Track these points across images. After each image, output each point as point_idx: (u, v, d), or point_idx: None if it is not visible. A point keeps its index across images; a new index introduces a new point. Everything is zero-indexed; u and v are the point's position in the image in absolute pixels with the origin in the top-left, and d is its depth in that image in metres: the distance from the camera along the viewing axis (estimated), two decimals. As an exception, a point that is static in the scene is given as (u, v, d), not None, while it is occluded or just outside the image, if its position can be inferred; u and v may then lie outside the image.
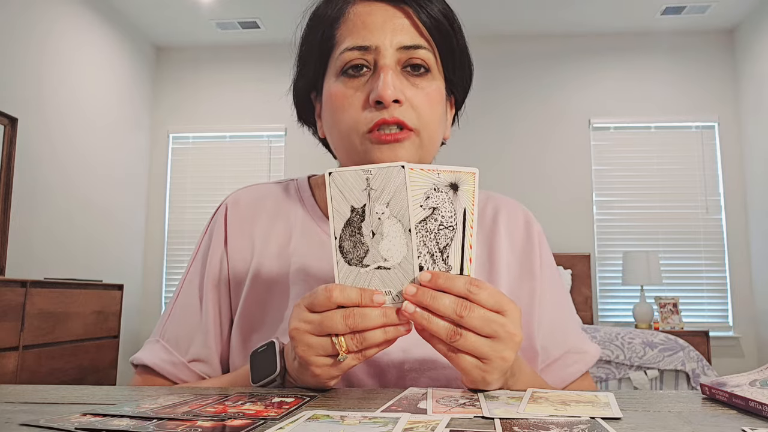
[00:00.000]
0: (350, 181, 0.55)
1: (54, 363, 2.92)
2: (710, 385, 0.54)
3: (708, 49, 4.66)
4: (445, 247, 0.56)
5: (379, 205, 0.55)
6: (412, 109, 0.70)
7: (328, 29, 0.73)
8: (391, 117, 0.68)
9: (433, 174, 0.56)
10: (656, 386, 2.91)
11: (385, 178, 0.55)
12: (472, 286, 0.54)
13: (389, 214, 0.55)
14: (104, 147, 4.27)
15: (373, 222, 0.55)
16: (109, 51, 4.35)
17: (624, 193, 4.62)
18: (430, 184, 0.56)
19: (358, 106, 0.70)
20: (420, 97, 0.71)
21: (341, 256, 0.56)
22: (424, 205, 0.55)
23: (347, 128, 0.71)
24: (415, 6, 0.71)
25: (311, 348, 0.55)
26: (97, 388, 0.62)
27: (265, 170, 4.85)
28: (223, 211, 0.82)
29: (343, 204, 0.56)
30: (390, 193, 0.55)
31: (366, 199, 0.55)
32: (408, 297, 0.54)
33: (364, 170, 0.55)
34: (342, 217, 0.56)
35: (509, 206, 0.85)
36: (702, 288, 4.50)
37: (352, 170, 0.55)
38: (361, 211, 0.56)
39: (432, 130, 0.72)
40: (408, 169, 0.55)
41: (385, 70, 0.69)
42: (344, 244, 0.56)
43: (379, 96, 0.67)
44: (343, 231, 0.56)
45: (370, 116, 0.69)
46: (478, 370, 0.55)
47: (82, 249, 4.00)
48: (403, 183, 0.55)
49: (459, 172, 0.56)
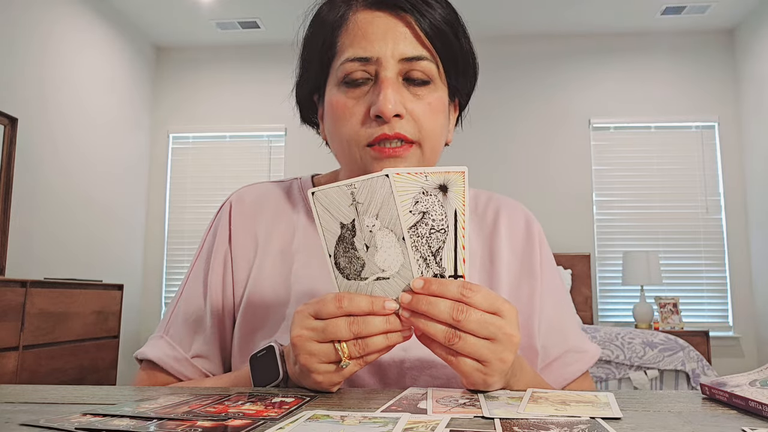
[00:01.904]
0: (335, 198, 0.54)
1: (54, 363, 2.92)
2: (710, 385, 0.54)
3: (708, 49, 4.66)
4: (437, 251, 0.55)
5: (368, 218, 0.54)
6: (413, 122, 0.70)
7: (330, 36, 0.73)
8: (392, 132, 0.68)
9: (420, 177, 0.55)
10: (656, 386, 2.91)
11: (371, 190, 0.54)
12: (465, 289, 0.53)
13: (380, 225, 0.54)
14: (104, 147, 4.27)
15: (365, 235, 0.55)
16: (109, 51, 4.35)
17: (624, 193, 4.62)
18: (418, 188, 0.55)
19: (359, 118, 0.70)
20: (421, 107, 0.70)
21: (339, 272, 0.56)
22: (413, 210, 0.55)
23: (348, 139, 0.71)
24: (417, 15, 0.70)
25: (314, 355, 0.55)
26: (97, 388, 0.62)
27: (265, 170, 4.85)
28: (227, 209, 0.82)
29: (332, 222, 0.55)
30: (378, 204, 0.54)
31: (354, 213, 0.54)
32: (404, 305, 0.54)
33: (347, 185, 0.54)
34: (333, 234, 0.55)
35: (510, 207, 0.85)
36: (702, 288, 4.50)
37: (336, 187, 0.54)
38: (351, 226, 0.55)
39: (434, 140, 0.72)
40: (393, 177, 0.54)
41: (385, 84, 0.68)
42: (340, 260, 0.55)
43: (379, 111, 0.67)
44: (336, 248, 0.55)
45: (370, 131, 0.69)
46: (479, 372, 0.55)
47: (83, 249, 4.00)
48: (389, 192, 0.54)
49: (447, 172, 0.55)
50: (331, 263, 0.56)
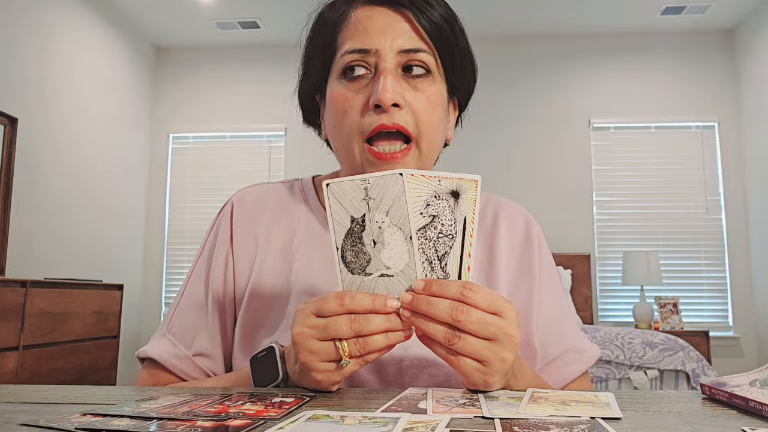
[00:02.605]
0: (349, 192, 0.55)
1: (54, 363, 2.92)
2: (710, 385, 0.54)
3: (708, 49, 4.66)
4: (443, 255, 0.56)
5: (378, 214, 0.55)
6: (411, 114, 0.70)
7: (331, 33, 0.74)
8: (390, 122, 0.69)
9: (434, 181, 0.55)
10: (656, 386, 2.91)
11: (384, 186, 0.55)
12: (465, 289, 0.54)
13: (389, 222, 0.55)
14: (104, 147, 4.27)
15: (374, 231, 0.55)
16: (109, 51, 4.35)
17: (624, 193, 4.62)
18: (430, 191, 0.55)
19: (359, 109, 0.71)
20: (420, 100, 0.71)
21: (344, 266, 0.56)
22: (424, 212, 0.55)
23: (348, 132, 0.72)
24: (416, 10, 0.71)
25: (314, 353, 0.56)
26: (97, 388, 0.62)
27: (265, 170, 4.85)
28: (229, 209, 0.83)
29: (343, 215, 0.56)
30: (389, 201, 0.55)
31: (365, 208, 0.55)
32: (404, 305, 0.54)
33: (362, 180, 0.55)
34: (342, 227, 0.56)
35: (509, 208, 0.86)
36: (702, 288, 4.50)
37: (350, 180, 0.55)
38: (361, 220, 0.55)
39: (431, 134, 0.73)
40: (407, 178, 0.54)
41: (384, 74, 0.69)
42: (346, 254, 0.56)
43: (378, 100, 0.68)
44: (344, 241, 0.56)
45: (369, 120, 0.70)
46: (479, 372, 0.55)
47: (82, 249, 4.00)
48: (402, 191, 0.54)
49: (461, 179, 0.55)
50: (338, 256, 0.56)
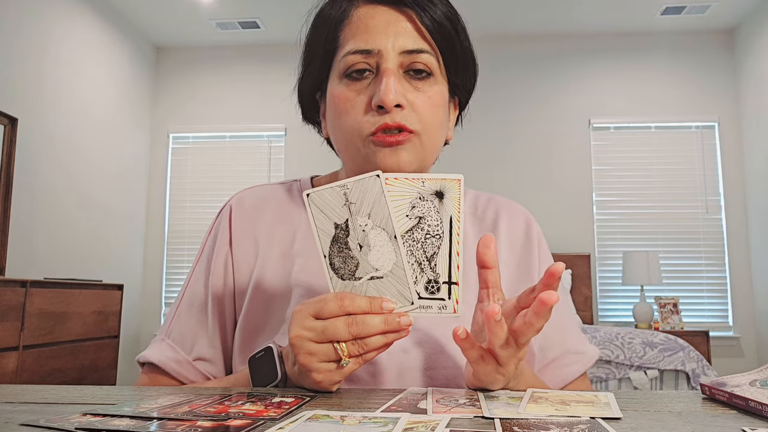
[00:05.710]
0: (329, 199, 0.56)
1: (54, 363, 2.92)
2: (710, 385, 0.54)
3: (708, 49, 4.66)
4: (432, 256, 0.56)
5: (361, 217, 0.56)
6: (413, 113, 0.70)
7: (332, 31, 0.74)
8: (392, 121, 0.69)
9: (417, 183, 0.56)
10: (656, 386, 2.91)
11: (363, 189, 0.55)
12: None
13: (372, 224, 0.56)
14: (104, 146, 4.27)
15: (359, 235, 0.56)
16: (109, 51, 4.35)
17: (624, 193, 4.62)
18: (414, 193, 0.56)
19: (361, 109, 0.71)
20: (422, 100, 0.71)
21: (334, 273, 0.57)
22: (410, 214, 0.56)
23: (350, 131, 0.72)
24: (418, 9, 0.71)
25: (313, 355, 0.56)
26: (97, 388, 0.62)
27: (265, 170, 4.85)
28: (227, 212, 0.82)
29: (326, 222, 0.56)
30: (369, 203, 0.56)
31: (347, 213, 0.56)
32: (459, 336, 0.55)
33: (340, 186, 0.56)
34: (327, 235, 0.56)
35: (510, 208, 0.86)
36: (702, 288, 4.50)
37: (329, 188, 0.56)
38: (344, 226, 0.56)
39: (433, 132, 0.73)
40: (384, 178, 0.55)
41: (387, 75, 0.69)
42: (334, 261, 0.57)
43: (381, 101, 0.68)
44: (330, 248, 0.57)
45: (372, 120, 0.70)
46: (495, 372, 0.56)
47: (82, 249, 4.00)
48: (380, 191, 0.55)
49: (444, 179, 0.56)
50: (326, 264, 0.57)
